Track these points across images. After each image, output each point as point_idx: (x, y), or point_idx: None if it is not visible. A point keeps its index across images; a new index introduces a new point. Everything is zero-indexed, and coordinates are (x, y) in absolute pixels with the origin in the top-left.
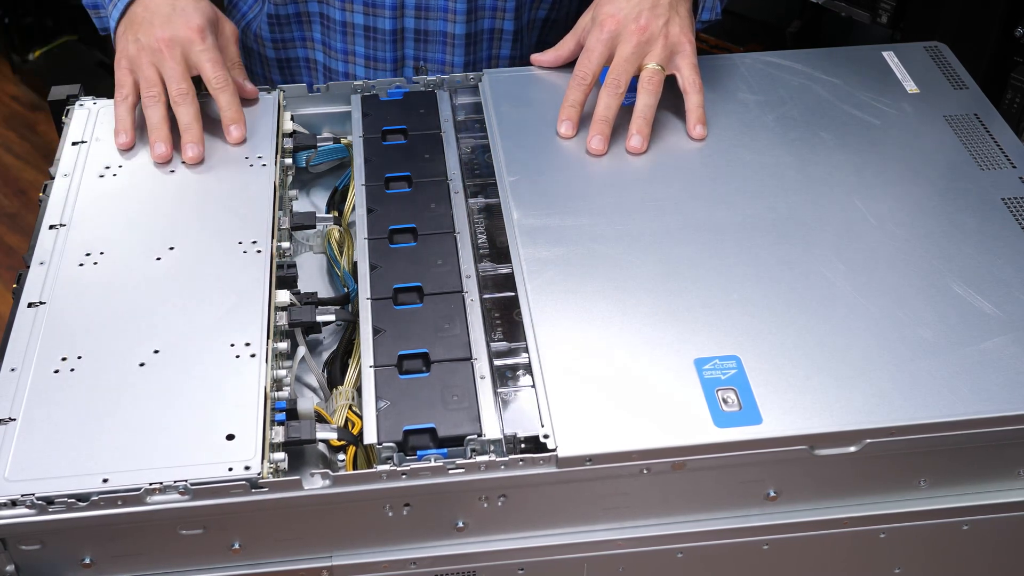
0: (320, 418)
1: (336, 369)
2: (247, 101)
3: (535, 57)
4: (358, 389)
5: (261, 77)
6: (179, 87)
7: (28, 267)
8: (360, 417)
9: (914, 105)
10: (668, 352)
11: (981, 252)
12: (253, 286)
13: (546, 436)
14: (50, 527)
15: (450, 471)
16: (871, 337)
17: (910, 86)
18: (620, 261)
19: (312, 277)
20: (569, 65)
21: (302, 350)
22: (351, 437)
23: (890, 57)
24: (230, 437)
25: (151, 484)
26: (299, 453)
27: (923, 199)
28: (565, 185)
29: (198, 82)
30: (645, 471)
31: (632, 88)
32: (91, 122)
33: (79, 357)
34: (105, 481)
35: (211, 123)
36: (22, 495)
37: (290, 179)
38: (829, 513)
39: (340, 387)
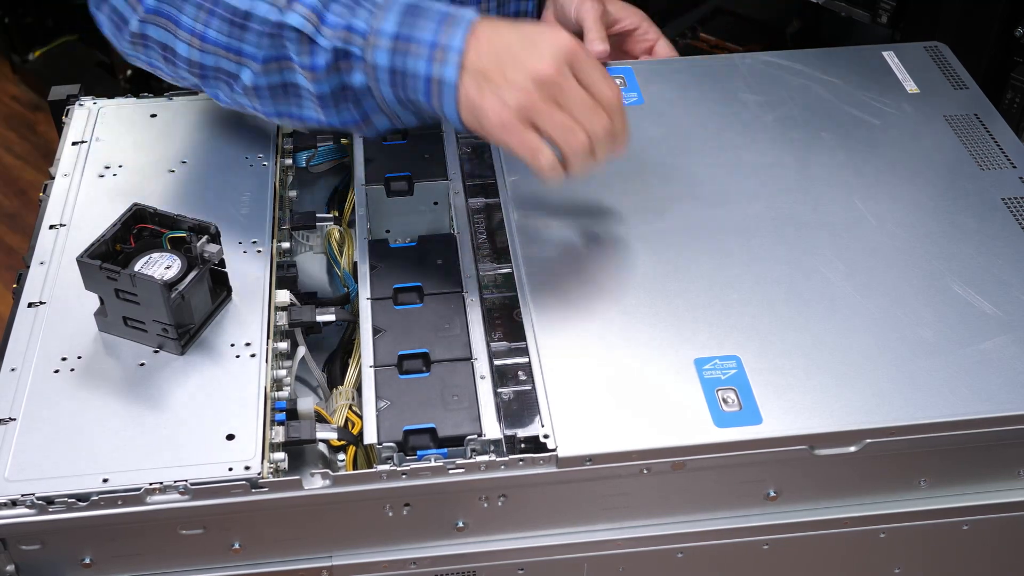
0: (320, 418)
1: (336, 369)
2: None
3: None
4: (358, 389)
5: None
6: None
7: (28, 267)
8: (360, 417)
9: (914, 105)
10: (668, 352)
11: (981, 252)
12: (253, 286)
13: (546, 436)
14: (50, 527)
15: (450, 471)
16: (871, 337)
17: (910, 86)
18: (620, 261)
19: (312, 277)
20: None
21: (302, 350)
22: (351, 437)
23: (890, 57)
24: (230, 437)
25: (151, 484)
26: (299, 453)
27: (923, 199)
28: (565, 185)
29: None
30: (645, 471)
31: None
32: (91, 122)
33: (79, 357)
34: (105, 481)
35: (212, 124)
36: (22, 495)
37: (290, 179)
38: (829, 513)
39: (340, 387)
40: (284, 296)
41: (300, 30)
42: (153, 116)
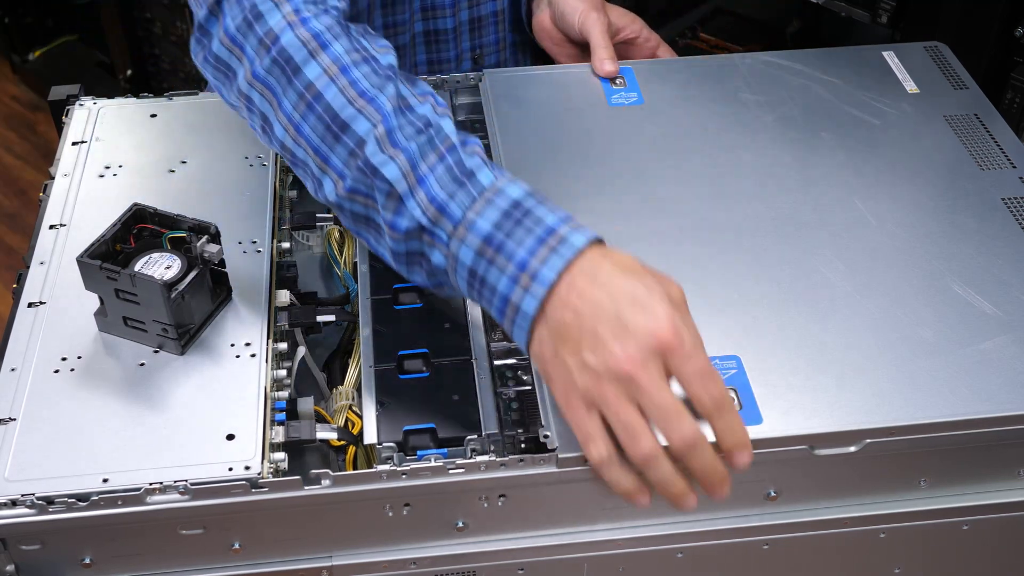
0: (320, 418)
1: (336, 369)
2: None
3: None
4: (358, 389)
5: None
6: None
7: (28, 267)
8: (360, 417)
9: (914, 105)
10: None
11: (981, 252)
12: (253, 286)
13: (546, 436)
14: (50, 527)
15: (450, 471)
16: (871, 337)
17: (910, 86)
18: None
19: (312, 277)
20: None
21: (302, 350)
22: (351, 437)
23: (890, 57)
24: (230, 437)
25: (151, 484)
26: (299, 453)
27: (923, 199)
28: (565, 185)
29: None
30: None
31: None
32: (91, 122)
33: (79, 357)
34: (105, 481)
35: (212, 124)
36: (22, 495)
37: (290, 179)
38: (829, 513)
39: (340, 387)
40: (284, 296)
41: (393, 185)
42: (153, 116)
